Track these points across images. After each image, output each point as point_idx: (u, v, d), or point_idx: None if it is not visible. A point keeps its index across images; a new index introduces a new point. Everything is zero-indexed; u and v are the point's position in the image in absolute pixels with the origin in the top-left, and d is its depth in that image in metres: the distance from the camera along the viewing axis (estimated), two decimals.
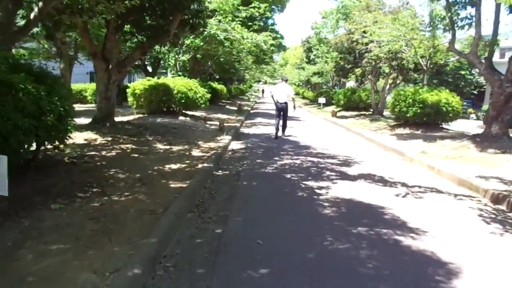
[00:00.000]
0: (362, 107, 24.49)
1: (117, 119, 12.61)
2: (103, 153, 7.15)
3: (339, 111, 23.79)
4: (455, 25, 10.18)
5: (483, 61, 10.42)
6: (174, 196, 4.81)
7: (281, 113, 11.67)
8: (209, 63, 21.70)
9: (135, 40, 11.12)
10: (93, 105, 22.69)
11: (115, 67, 9.90)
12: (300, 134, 13.00)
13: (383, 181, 6.50)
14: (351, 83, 36.05)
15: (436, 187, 6.35)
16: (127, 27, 9.86)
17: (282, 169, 7.12)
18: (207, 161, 7.07)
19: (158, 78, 14.81)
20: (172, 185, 5.33)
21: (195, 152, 7.97)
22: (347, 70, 20.60)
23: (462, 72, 30.05)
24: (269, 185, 5.93)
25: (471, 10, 9.76)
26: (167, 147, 8.34)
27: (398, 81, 20.21)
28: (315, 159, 8.25)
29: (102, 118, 9.89)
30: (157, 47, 18.74)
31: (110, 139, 8.57)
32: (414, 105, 13.58)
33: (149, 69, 27.76)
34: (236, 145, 10.04)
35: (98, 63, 9.63)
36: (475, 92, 31.21)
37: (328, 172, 6.98)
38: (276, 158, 8.21)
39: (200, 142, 9.30)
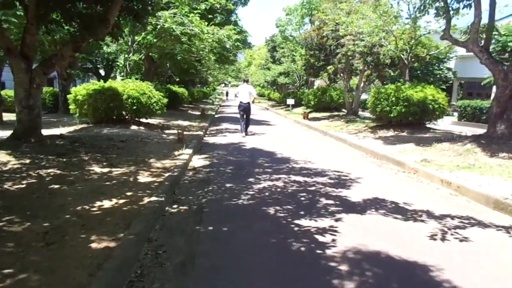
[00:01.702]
0: (334, 107, 23.15)
1: (52, 131, 10.39)
2: (7, 185, 5.02)
3: (310, 112, 22.27)
4: (450, 8, 8.68)
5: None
6: (90, 274, 2.83)
7: (245, 112, 12.56)
8: (167, 64, 19.52)
9: (66, 32, 8.93)
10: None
11: (39, 67, 7.71)
12: (274, 142, 11.19)
13: (400, 211, 4.76)
14: (318, 83, 34.80)
15: (470, 215, 4.68)
16: (54, 16, 7.68)
17: (261, 198, 5.24)
18: (157, 191, 5.09)
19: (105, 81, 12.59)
20: (93, 246, 3.34)
21: (143, 177, 5.96)
22: (317, 68, 19.04)
23: (430, 67, 29.35)
24: (246, 232, 4.02)
25: None
26: (106, 170, 6.27)
27: (372, 78, 18.89)
28: (301, 179, 6.42)
29: (24, 133, 7.66)
30: (113, 46, 16.45)
31: (28, 161, 6.39)
32: (398, 103, 12.15)
33: (102, 72, 25.25)
34: (199, 161, 8.08)
35: (15, 62, 7.40)
36: (443, 87, 30.63)
37: (323, 200, 5.16)
38: (251, 180, 6.32)
39: (152, 161, 7.27)
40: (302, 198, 5.24)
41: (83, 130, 11.09)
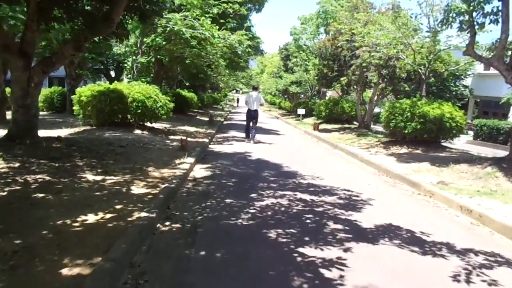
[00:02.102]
0: (345, 119, 22.57)
1: (52, 132, 10.07)
2: None
3: (321, 123, 21.75)
4: (475, 22, 8.17)
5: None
6: None
7: (252, 119, 12.74)
8: (177, 68, 19.22)
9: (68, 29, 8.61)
10: (45, 112, 19.95)
11: (38, 65, 7.37)
12: (281, 154, 10.71)
13: (417, 242, 4.24)
14: (330, 94, 34.29)
15: (496, 251, 4.14)
16: (55, 13, 7.35)
17: (262, 218, 4.76)
18: (150, 204, 4.65)
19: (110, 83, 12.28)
20: (64, 273, 2.89)
21: (138, 187, 5.53)
22: (330, 78, 18.56)
23: (447, 84, 28.69)
24: (242, 261, 3.54)
25: (497, 4, 7.76)
26: (99, 177, 5.85)
27: (386, 92, 18.35)
28: (308, 197, 5.93)
29: (19, 134, 7.31)
30: (119, 45, 16.19)
31: (17, 165, 6.02)
32: (413, 119, 11.61)
33: (112, 74, 25.06)
34: (200, 171, 7.64)
35: (13, 59, 7.08)
36: (459, 104, 29.91)
37: (331, 224, 4.67)
38: (254, 195, 5.85)
39: (150, 169, 6.85)
40: (308, 221, 4.75)
41: (85, 132, 10.75)
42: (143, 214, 4.30)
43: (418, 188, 7.17)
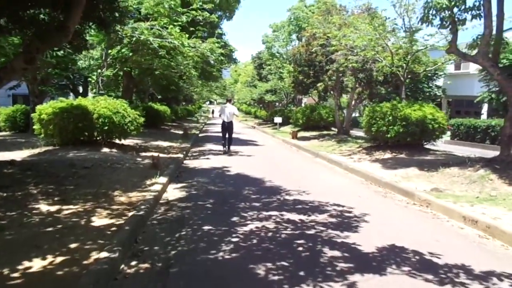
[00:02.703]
0: (323, 126, 22.20)
1: (10, 154, 9.21)
2: None
3: (299, 131, 21.28)
4: (456, 18, 7.81)
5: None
6: None
7: (227, 131, 12.78)
8: (148, 80, 18.39)
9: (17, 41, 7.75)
10: (7, 133, 18.71)
11: None
12: (261, 166, 10.06)
13: (428, 267, 3.65)
14: (305, 100, 34.03)
15: None
16: (1, 22, 6.51)
17: (247, 249, 4.06)
18: (112, 240, 3.90)
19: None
20: None
21: (100, 217, 4.74)
22: (307, 85, 18.13)
23: (420, 85, 28.87)
24: None
25: None
26: (55, 208, 5.03)
27: (364, 96, 18.06)
28: (296, 217, 5.28)
29: None
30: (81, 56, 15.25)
31: None
32: (396, 123, 11.21)
33: (80, 89, 23.90)
34: (174, 192, 6.88)
35: None
36: (432, 105, 30.15)
37: (327, 250, 4.02)
38: (235, 219, 5.14)
39: (116, 193, 6.06)
40: (300, 248, 4.09)
41: (47, 153, 9.81)
42: (103, 254, 3.54)
43: (411, 198, 6.64)
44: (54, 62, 17.19)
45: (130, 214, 4.92)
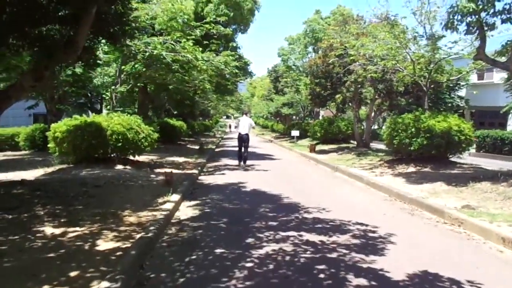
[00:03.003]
0: (341, 138, 21.70)
1: (25, 173, 9.12)
2: None
3: (317, 144, 20.84)
4: (484, 23, 7.36)
5: None
6: None
7: (243, 143, 12.78)
8: (164, 96, 18.33)
9: (27, 58, 7.65)
10: (26, 152, 18.84)
11: None
12: (279, 182, 9.68)
13: None
14: (323, 113, 33.56)
15: None
16: (10, 40, 6.40)
17: (263, 277, 3.67)
18: (116, 267, 3.58)
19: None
20: None
21: (105, 241, 4.44)
22: (324, 97, 17.74)
23: (441, 95, 28.10)
24: None
25: (509, 0, 6.96)
26: (60, 230, 4.76)
27: (383, 108, 17.55)
28: (316, 238, 4.87)
29: None
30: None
31: None
32: (419, 135, 10.72)
33: (98, 107, 24.07)
34: (187, 210, 6.56)
35: None
36: (457, 116, 29.25)
37: (352, 278, 3.59)
38: (250, 241, 4.77)
39: (126, 213, 5.77)
40: (322, 275, 3.68)
41: (60, 172, 9.68)
42: (104, 284, 3.22)
43: (441, 216, 6.14)
44: (71, 80, 17.39)
45: (138, 236, 4.61)
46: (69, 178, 8.45)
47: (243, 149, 12.83)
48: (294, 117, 37.61)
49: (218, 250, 4.40)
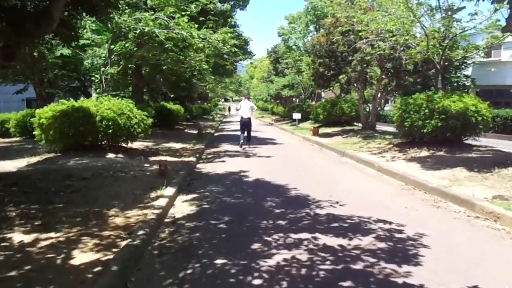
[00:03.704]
0: (345, 121, 20.86)
1: (9, 163, 8.33)
2: None
3: (319, 127, 20.06)
4: None
5: None
6: None
7: (246, 127, 13.21)
8: (159, 78, 17.42)
9: None
10: (17, 138, 18.03)
11: None
12: (283, 170, 8.94)
13: None
14: (324, 95, 32.63)
15: None
16: None
17: None
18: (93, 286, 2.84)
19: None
20: None
21: (84, 251, 3.70)
22: (328, 78, 16.85)
23: (447, 75, 27.21)
24: None
25: None
26: (31, 237, 4.02)
27: (390, 88, 16.70)
28: (334, 241, 4.13)
29: None
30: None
31: None
32: (433, 116, 9.94)
33: (91, 91, 23.14)
34: (182, 206, 5.82)
35: None
36: (473, 95, 28.42)
37: None
38: (256, 247, 4.03)
39: (112, 212, 5.02)
40: None
41: (47, 161, 8.91)
42: None
43: (471, 208, 5.41)
44: (60, 62, 16.47)
45: (123, 244, 3.87)
46: (54, 169, 7.67)
47: (245, 133, 13.16)
48: (294, 99, 36.67)
49: (218, 261, 3.66)
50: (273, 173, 8.38)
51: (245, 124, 13.13)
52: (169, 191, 6.20)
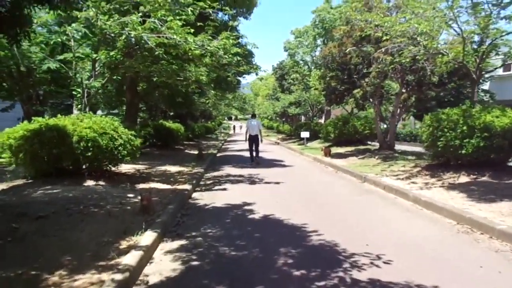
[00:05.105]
0: (358, 140, 19.21)
1: None
2: None
3: (330, 146, 18.46)
4: None
5: None
6: None
7: (254, 143, 13.85)
8: (157, 94, 15.99)
9: None
10: (1, 160, 16.56)
11: None
12: (297, 202, 7.31)
13: None
14: (333, 112, 31.08)
15: None
16: None
17: None
18: None
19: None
20: None
21: None
22: (340, 92, 15.33)
23: (463, 90, 25.56)
24: None
25: None
26: None
27: (409, 103, 15.13)
28: None
29: None
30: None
31: None
32: (473, 134, 8.35)
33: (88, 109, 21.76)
34: (164, 262, 4.18)
35: None
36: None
37: None
38: None
39: (55, 278, 3.40)
40: None
41: (11, 191, 7.36)
42: None
43: None
44: (49, 78, 15.11)
45: None
46: (9, 204, 6.10)
47: (253, 148, 13.85)
48: (300, 116, 35.15)
49: None
50: (285, 207, 6.74)
51: (253, 140, 13.80)
52: (148, 237, 4.58)
